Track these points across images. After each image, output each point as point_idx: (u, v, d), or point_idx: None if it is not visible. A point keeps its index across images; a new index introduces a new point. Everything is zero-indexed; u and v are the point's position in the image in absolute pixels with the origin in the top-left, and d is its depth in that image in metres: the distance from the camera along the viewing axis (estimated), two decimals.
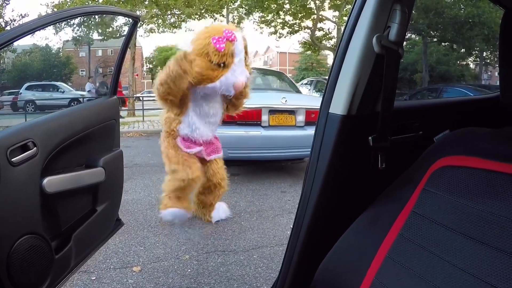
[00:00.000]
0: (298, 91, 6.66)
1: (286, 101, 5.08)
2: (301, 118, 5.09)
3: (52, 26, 18.20)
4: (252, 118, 4.89)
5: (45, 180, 1.43)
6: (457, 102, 1.71)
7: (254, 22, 18.79)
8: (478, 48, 17.84)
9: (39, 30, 1.41)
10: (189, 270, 2.70)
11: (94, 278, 2.56)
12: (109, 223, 1.94)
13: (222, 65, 3.00)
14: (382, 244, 0.93)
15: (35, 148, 1.39)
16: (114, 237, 3.16)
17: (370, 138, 1.10)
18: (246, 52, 3.19)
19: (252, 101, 4.58)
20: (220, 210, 3.63)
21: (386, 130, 1.11)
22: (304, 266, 1.16)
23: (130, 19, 1.93)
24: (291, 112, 5.07)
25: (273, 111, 5.00)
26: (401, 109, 1.29)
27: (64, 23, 18.29)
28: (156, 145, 8.06)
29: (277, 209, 4.03)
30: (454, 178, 0.90)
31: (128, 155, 7.07)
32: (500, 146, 0.90)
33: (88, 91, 15.02)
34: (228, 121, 4.50)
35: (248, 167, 5.73)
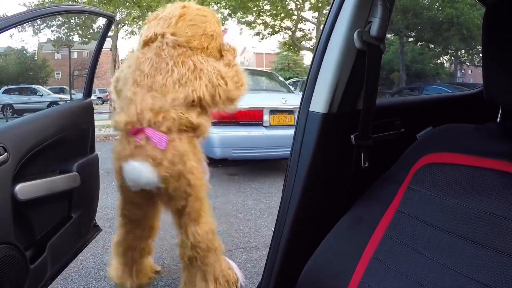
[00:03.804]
0: (290, 91, 6.85)
1: (286, 101, 5.23)
2: None
3: (28, 27, 17.78)
4: (254, 118, 5.04)
5: (17, 187, 1.38)
6: (439, 99, 1.71)
7: (238, 23, 18.83)
8: (454, 48, 18.27)
9: (11, 28, 1.36)
10: None
11: None
12: (85, 229, 1.88)
13: None
14: (368, 245, 0.90)
15: (6, 153, 1.33)
16: None
17: (352, 136, 1.07)
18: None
19: (254, 102, 4.88)
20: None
21: (368, 128, 1.08)
22: (287, 270, 1.13)
23: (105, 19, 1.88)
24: (291, 112, 5.21)
25: (273, 111, 5.16)
26: (382, 107, 1.27)
27: (42, 24, 17.99)
28: None
29: None
30: (439, 175, 0.88)
31: None
32: (484, 142, 0.89)
33: None
34: (231, 122, 4.72)
35: (244, 167, 5.77)
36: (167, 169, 1.72)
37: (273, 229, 1.20)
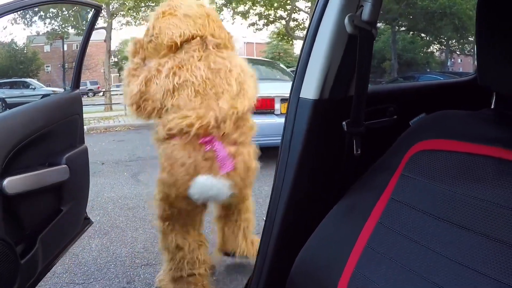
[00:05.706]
0: None
1: None
2: None
3: (20, 19, 17.57)
4: (266, 107, 5.26)
5: (5, 181, 1.35)
6: (432, 86, 1.69)
7: (233, 14, 18.73)
8: (446, 38, 18.38)
9: None
10: None
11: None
12: (76, 222, 1.86)
13: None
14: (361, 234, 0.89)
15: None
16: (155, 231, 3.14)
17: (344, 123, 1.05)
18: None
19: (265, 91, 5.10)
20: None
21: (361, 115, 1.07)
22: (279, 261, 1.11)
23: (93, 9, 1.84)
24: None
25: (284, 100, 5.32)
26: (375, 94, 1.26)
27: (34, 16, 17.76)
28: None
29: None
30: (433, 162, 0.86)
31: (127, 149, 7.01)
32: (478, 128, 0.87)
33: None
34: None
35: None
36: (238, 183, 1.77)
37: (264, 219, 1.18)
